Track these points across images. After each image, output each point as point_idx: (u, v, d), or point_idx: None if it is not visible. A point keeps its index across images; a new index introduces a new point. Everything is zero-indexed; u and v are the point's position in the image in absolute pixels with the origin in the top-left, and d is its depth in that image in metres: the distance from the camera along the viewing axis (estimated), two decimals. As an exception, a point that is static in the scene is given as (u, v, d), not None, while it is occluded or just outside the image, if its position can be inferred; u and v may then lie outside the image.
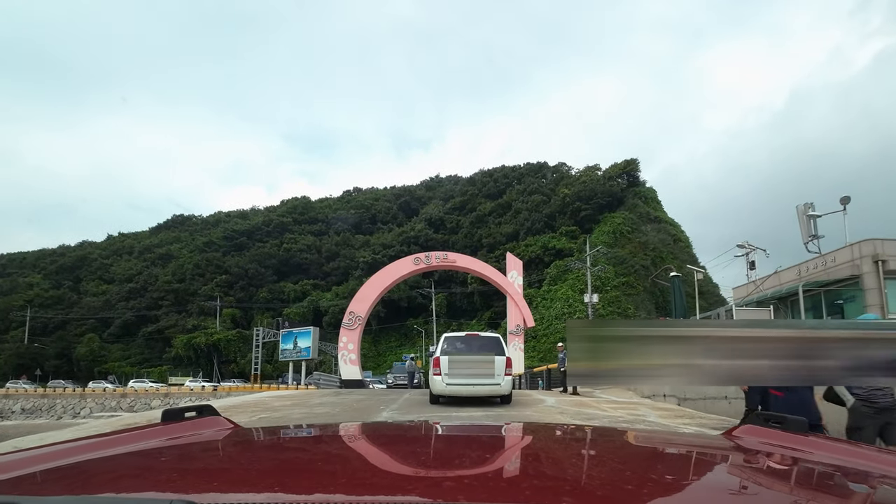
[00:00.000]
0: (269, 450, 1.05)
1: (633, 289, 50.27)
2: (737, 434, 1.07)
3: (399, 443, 1.17)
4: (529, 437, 1.28)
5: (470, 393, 9.34)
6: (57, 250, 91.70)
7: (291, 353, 42.80)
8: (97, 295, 73.88)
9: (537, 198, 66.12)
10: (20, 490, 0.66)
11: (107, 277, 78.24)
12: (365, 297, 27.17)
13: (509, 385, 9.61)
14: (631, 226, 56.04)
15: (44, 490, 0.70)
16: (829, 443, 0.95)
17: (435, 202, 79.96)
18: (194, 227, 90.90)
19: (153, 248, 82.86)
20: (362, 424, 1.56)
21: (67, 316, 69.90)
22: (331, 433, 1.33)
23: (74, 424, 33.91)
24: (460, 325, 61.83)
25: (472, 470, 0.83)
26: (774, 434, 1.01)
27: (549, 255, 55.88)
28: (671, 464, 1.00)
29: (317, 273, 72.25)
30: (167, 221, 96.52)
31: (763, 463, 0.91)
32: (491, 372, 9.26)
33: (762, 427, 1.05)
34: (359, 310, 26.82)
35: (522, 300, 27.60)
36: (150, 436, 1.00)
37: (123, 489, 0.70)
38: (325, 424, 1.58)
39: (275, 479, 0.71)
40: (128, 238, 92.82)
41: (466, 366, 9.31)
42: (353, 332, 26.49)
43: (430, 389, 10.14)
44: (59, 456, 0.82)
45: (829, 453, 0.90)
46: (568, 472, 0.88)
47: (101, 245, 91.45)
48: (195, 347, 58.44)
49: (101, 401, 40.58)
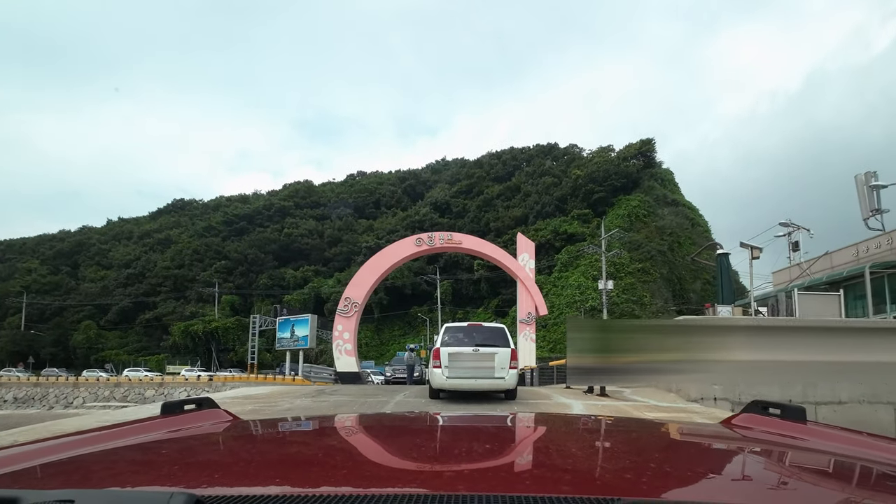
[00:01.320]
0: (270, 442, 1.05)
1: (650, 275, 47.58)
2: (735, 422, 1.09)
3: (402, 434, 1.18)
4: (530, 427, 1.30)
5: (472, 387, 8.91)
6: (57, 235, 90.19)
7: (288, 341, 40.62)
8: (95, 281, 72.27)
9: (548, 180, 63.12)
10: (21, 483, 0.66)
11: (105, 263, 76.59)
12: (362, 282, 24.81)
13: (514, 379, 9.05)
14: (647, 209, 53.12)
15: (45, 483, 0.70)
16: (827, 430, 0.96)
17: (441, 185, 77.06)
18: (195, 212, 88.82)
19: (152, 234, 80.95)
20: (365, 416, 1.56)
21: (65, 302, 68.44)
22: (333, 425, 1.33)
23: (65, 416, 32.16)
24: (466, 313, 59.54)
25: (473, 460, 0.84)
26: (773, 422, 1.02)
27: (559, 240, 53.11)
28: (670, 452, 1.02)
29: (318, 259, 70.02)
30: (167, 206, 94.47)
31: (761, 450, 0.92)
32: (494, 365, 8.76)
33: (761, 415, 1.06)
34: (356, 295, 24.49)
35: (534, 285, 25.13)
36: (150, 429, 1.01)
37: (124, 482, 0.70)
38: (327, 416, 1.53)
39: (276, 472, 0.71)
40: (128, 223, 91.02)
41: (468, 358, 8.79)
42: (350, 319, 24.19)
43: (428, 383, 9.79)
44: (59, 449, 0.82)
45: (828, 441, 0.91)
46: (567, 461, 0.88)
47: (100, 230, 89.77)
48: (192, 335, 56.66)
49: (94, 390, 39.00)
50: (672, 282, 49.38)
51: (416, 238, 24.82)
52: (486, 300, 58.73)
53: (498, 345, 8.95)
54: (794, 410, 1.01)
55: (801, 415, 1.00)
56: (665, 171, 61.55)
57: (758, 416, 1.06)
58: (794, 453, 0.87)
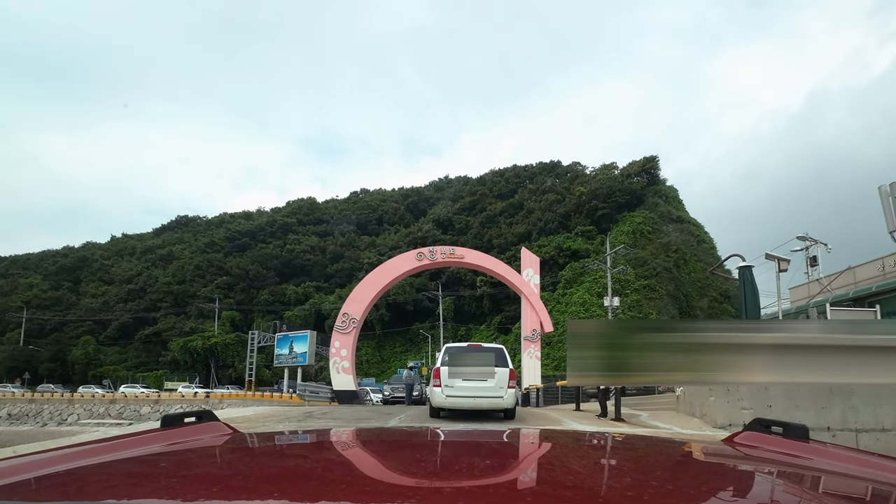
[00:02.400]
0: (270, 456, 1.05)
1: (655, 292, 46.69)
2: (738, 440, 1.09)
3: (401, 449, 1.18)
4: (530, 443, 1.29)
5: (471, 406, 9.08)
6: (61, 251, 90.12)
7: (287, 358, 39.75)
8: (96, 296, 71.82)
9: (551, 197, 62.78)
10: (18, 496, 0.65)
11: (107, 279, 76.22)
12: (361, 297, 24.17)
13: (513, 399, 9.27)
14: (652, 225, 52.51)
15: (42, 496, 0.69)
16: (830, 449, 0.95)
17: (444, 202, 76.76)
18: (198, 228, 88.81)
19: (155, 249, 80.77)
20: (365, 430, 1.56)
21: (65, 318, 67.91)
22: (333, 439, 1.32)
23: (58, 434, 31.33)
24: (468, 329, 58.58)
25: (473, 476, 0.83)
26: (775, 440, 1.02)
27: (563, 257, 52.45)
28: (673, 469, 1.01)
29: (320, 275, 69.47)
30: (171, 222, 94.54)
31: (763, 469, 0.92)
32: (493, 385, 9.01)
33: (763, 433, 1.06)
34: (354, 311, 23.84)
35: (539, 301, 24.42)
36: (150, 441, 1.00)
37: (122, 495, 0.69)
38: (326, 430, 1.56)
39: (275, 486, 0.71)
40: (131, 239, 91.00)
41: (468, 378, 9.03)
42: (347, 336, 23.49)
43: (429, 402, 10.00)
44: (57, 461, 0.81)
45: (830, 460, 0.90)
46: (567, 477, 0.88)
47: (103, 246, 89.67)
48: (191, 351, 55.85)
49: (89, 407, 38.25)
50: (678, 299, 48.45)
51: (416, 252, 24.27)
52: (489, 317, 57.84)
53: (497, 365, 9.14)
54: (796, 429, 1.01)
55: (804, 433, 1.00)
56: (669, 188, 61.13)
57: (760, 435, 1.05)
58: (797, 472, 0.86)
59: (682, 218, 56.77)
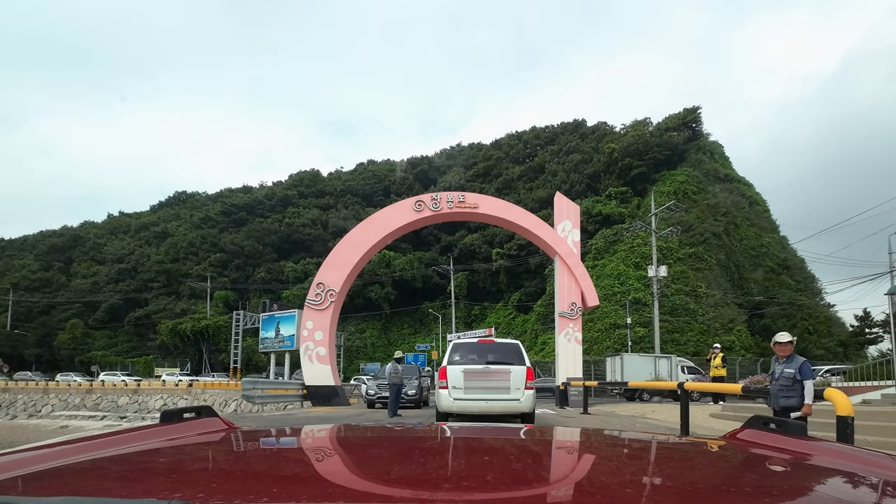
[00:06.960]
0: (268, 453, 1.05)
1: (704, 261, 39.74)
2: (738, 437, 1.10)
3: (405, 447, 1.17)
4: (535, 440, 1.29)
5: (483, 410, 8.16)
6: (58, 231, 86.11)
7: (273, 342, 34.22)
8: (87, 277, 67.45)
9: (576, 157, 55.58)
10: (17, 490, 0.65)
11: (99, 258, 71.77)
12: (341, 262, 18.05)
13: (530, 401, 8.25)
14: (697, 185, 45.14)
15: (41, 491, 0.69)
16: (829, 446, 0.96)
17: (456, 169, 69.95)
18: (195, 204, 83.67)
19: (150, 227, 76.00)
20: (368, 426, 1.53)
21: (53, 300, 63.75)
22: (332, 435, 1.30)
23: (24, 427, 25.26)
24: (483, 309, 52.39)
25: (479, 475, 0.82)
26: (775, 437, 1.03)
27: (593, 223, 45.47)
28: (674, 466, 1.01)
29: (321, 251, 63.60)
30: (169, 199, 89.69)
31: (764, 465, 0.93)
32: (508, 385, 8.15)
33: (763, 431, 1.07)
34: (332, 281, 17.78)
35: (580, 265, 17.98)
36: (148, 436, 1.01)
37: (120, 491, 0.69)
38: (325, 426, 1.51)
39: (273, 483, 0.70)
40: (128, 217, 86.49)
41: (479, 377, 8.19)
42: (323, 313, 17.48)
43: (435, 406, 8.93)
44: (56, 456, 0.81)
45: (830, 457, 0.90)
46: (567, 475, 0.88)
47: (99, 225, 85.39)
48: (181, 334, 51.04)
49: (65, 397, 33.51)
50: (730, 269, 41.43)
51: (415, 201, 17.96)
52: (507, 294, 51.60)
53: (512, 362, 8.34)
54: (796, 426, 1.02)
55: (803, 430, 1.01)
56: (714, 144, 53.32)
57: (760, 432, 1.06)
58: (797, 468, 0.87)
59: (731, 177, 49.20)
